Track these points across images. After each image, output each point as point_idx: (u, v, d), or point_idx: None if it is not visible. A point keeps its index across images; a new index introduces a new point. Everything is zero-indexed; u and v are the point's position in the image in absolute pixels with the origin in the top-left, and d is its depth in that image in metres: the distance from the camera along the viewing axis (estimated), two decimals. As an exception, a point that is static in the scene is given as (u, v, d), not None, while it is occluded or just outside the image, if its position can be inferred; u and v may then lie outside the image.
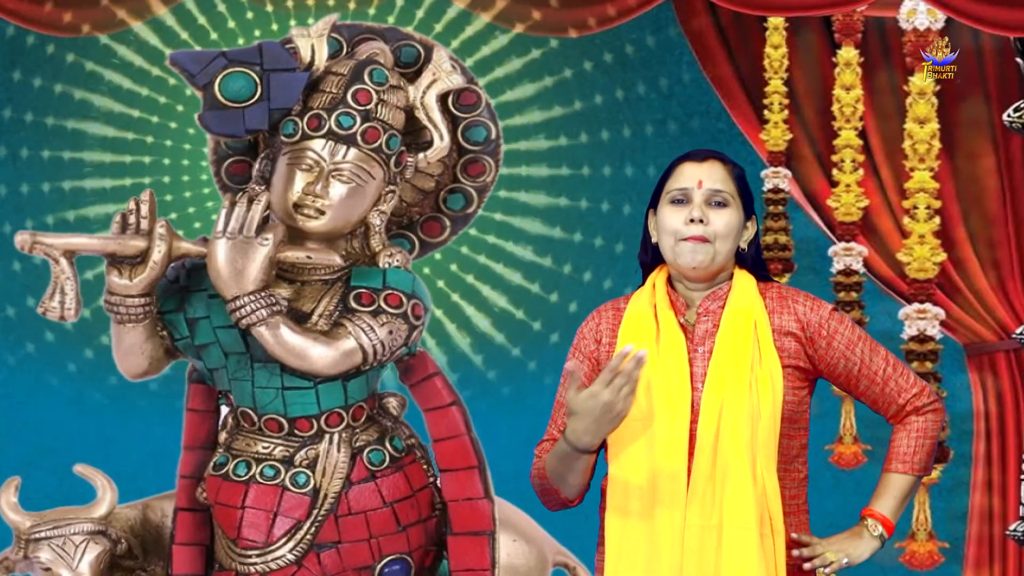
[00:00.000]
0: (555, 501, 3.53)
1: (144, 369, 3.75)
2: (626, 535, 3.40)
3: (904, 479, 3.48)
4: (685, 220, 3.45)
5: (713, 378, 3.41)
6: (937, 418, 3.50)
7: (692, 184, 3.47)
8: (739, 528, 3.35)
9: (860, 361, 3.48)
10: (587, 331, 3.57)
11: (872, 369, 3.49)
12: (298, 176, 3.66)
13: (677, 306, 3.50)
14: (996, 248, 6.98)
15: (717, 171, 3.50)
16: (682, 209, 3.47)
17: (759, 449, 3.38)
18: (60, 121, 7.30)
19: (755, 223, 3.57)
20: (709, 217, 3.45)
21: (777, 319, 3.48)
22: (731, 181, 3.51)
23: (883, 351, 3.52)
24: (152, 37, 7.23)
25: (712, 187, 3.47)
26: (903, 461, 3.48)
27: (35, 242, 3.55)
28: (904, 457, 3.48)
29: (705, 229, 3.44)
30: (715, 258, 3.46)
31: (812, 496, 3.58)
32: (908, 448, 3.48)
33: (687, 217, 3.45)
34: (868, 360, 3.49)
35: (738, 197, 3.50)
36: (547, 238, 7.32)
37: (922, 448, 3.48)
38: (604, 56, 7.31)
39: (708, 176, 3.49)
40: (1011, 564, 6.86)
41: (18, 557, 4.01)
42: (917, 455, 3.48)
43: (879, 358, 3.50)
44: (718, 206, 3.48)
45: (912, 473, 3.48)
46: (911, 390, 3.50)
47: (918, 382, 3.51)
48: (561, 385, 3.51)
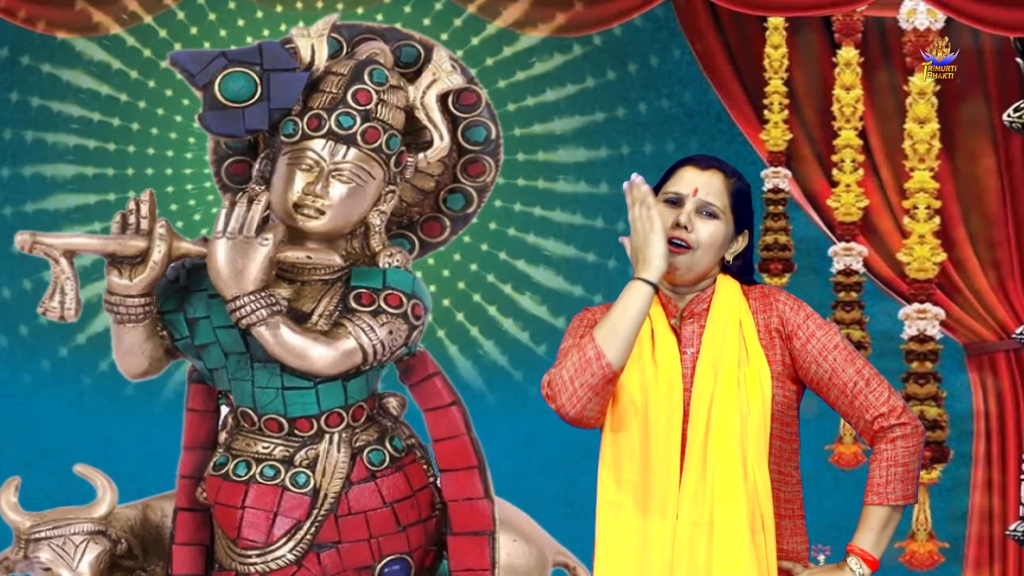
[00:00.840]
0: (589, 383, 3.34)
1: (144, 369, 3.75)
2: (617, 532, 3.40)
3: (881, 510, 3.45)
4: (673, 222, 3.46)
5: (701, 379, 3.42)
6: (908, 444, 3.43)
7: (688, 191, 3.49)
8: (730, 525, 3.35)
9: (831, 369, 3.46)
10: (586, 316, 3.57)
11: (842, 379, 3.45)
12: (298, 176, 3.66)
13: (668, 308, 3.52)
14: (996, 248, 6.98)
15: (716, 182, 3.51)
16: (673, 211, 3.48)
17: (749, 446, 3.38)
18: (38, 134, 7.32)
19: (747, 237, 3.57)
20: (695, 225, 3.47)
21: (762, 318, 3.49)
22: (727, 195, 3.51)
23: (860, 363, 3.46)
24: (162, 31, 7.24)
25: (705, 198, 3.49)
26: (877, 493, 3.45)
27: (35, 242, 3.55)
28: (878, 489, 3.45)
29: (688, 236, 3.45)
30: (693, 267, 3.47)
31: (812, 496, 3.58)
32: (880, 479, 3.44)
33: (675, 220, 3.46)
34: (840, 369, 3.45)
35: (730, 212, 3.51)
36: (573, 226, 7.33)
37: (895, 477, 3.43)
38: (606, 61, 7.32)
39: (705, 186, 3.49)
40: (1011, 564, 6.86)
41: (18, 557, 4.00)
42: (891, 485, 3.43)
43: (852, 369, 3.45)
44: (707, 216, 3.49)
45: (888, 504, 3.44)
46: (879, 408, 3.43)
47: (890, 401, 3.44)
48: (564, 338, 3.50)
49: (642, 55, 7.30)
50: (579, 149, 7.33)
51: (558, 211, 7.35)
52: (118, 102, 7.28)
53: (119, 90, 7.28)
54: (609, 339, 3.35)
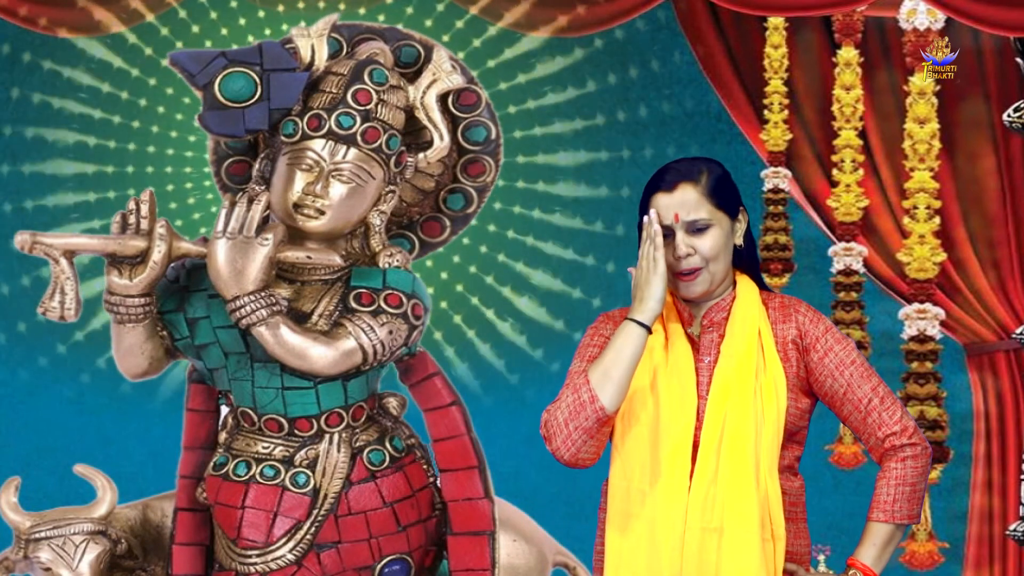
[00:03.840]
0: (583, 426, 3.38)
1: (144, 369, 3.75)
2: (627, 538, 3.41)
3: (885, 528, 3.46)
4: (673, 255, 3.46)
5: (718, 387, 3.43)
6: (917, 464, 3.44)
7: (669, 220, 3.47)
8: (740, 531, 3.35)
9: (847, 384, 3.46)
10: (600, 325, 3.56)
11: (857, 396, 3.46)
12: (298, 176, 3.66)
13: (684, 317, 3.52)
14: (996, 248, 6.98)
15: (690, 196, 3.48)
16: (668, 244, 3.47)
17: (762, 455, 3.39)
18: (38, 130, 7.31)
19: (745, 214, 3.56)
20: (695, 246, 3.47)
21: (780, 330, 3.49)
22: (706, 199, 3.48)
23: (875, 381, 3.48)
24: (163, 29, 7.24)
25: (688, 218, 3.47)
26: (883, 510, 3.46)
27: (35, 242, 3.54)
28: (884, 506, 3.46)
29: (693, 259, 3.46)
30: (712, 280, 3.48)
31: (812, 496, 3.59)
32: (888, 496, 3.45)
33: (674, 252, 3.46)
34: (855, 385, 3.46)
35: (718, 211, 3.49)
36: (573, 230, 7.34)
37: (902, 496, 3.44)
38: (605, 58, 7.32)
39: (682, 206, 3.47)
40: (1011, 564, 6.86)
41: (18, 557, 4.00)
42: (898, 503, 3.44)
43: (867, 386, 3.47)
44: (700, 232, 3.48)
45: (893, 522, 3.45)
46: (892, 427, 3.45)
47: (902, 420, 3.45)
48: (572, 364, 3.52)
49: (643, 57, 7.30)
50: (579, 152, 7.33)
51: (558, 214, 7.34)
52: (119, 100, 7.28)
53: (119, 88, 7.28)
54: (603, 383, 3.38)
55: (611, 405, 3.38)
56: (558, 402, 3.43)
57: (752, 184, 6.97)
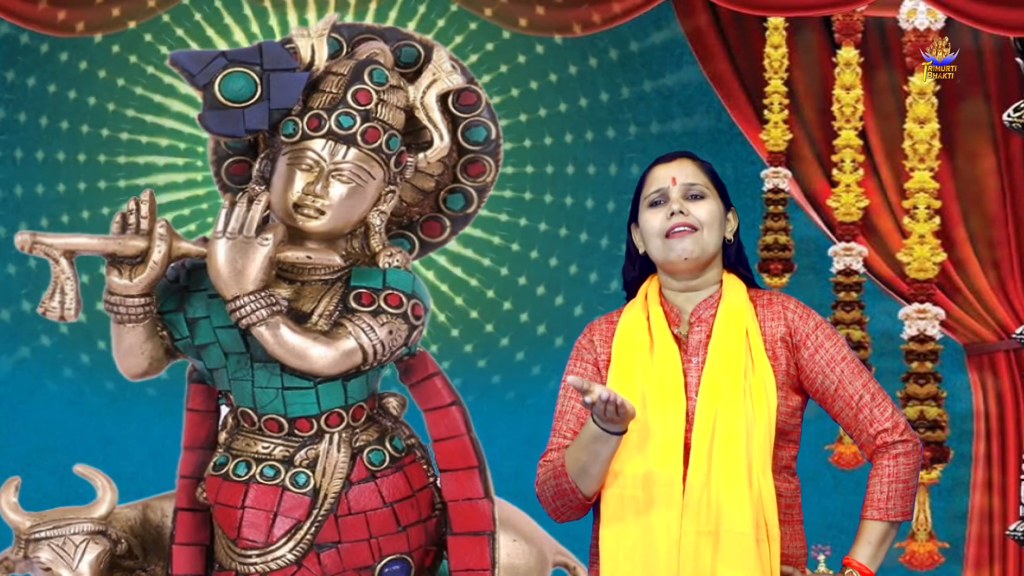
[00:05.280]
0: (569, 505, 3.47)
1: (144, 369, 3.74)
2: (622, 542, 3.40)
3: (879, 525, 3.45)
4: (666, 216, 3.46)
5: (707, 387, 3.42)
6: (909, 460, 3.44)
7: (667, 184, 3.49)
8: (735, 533, 3.34)
9: (838, 381, 3.46)
10: (584, 343, 3.58)
11: (848, 392, 3.46)
12: (298, 176, 3.66)
13: (671, 317, 3.51)
14: (996, 248, 6.99)
15: (688, 167, 3.53)
16: (662, 209, 3.48)
17: (755, 455, 3.38)
18: (55, 122, 7.31)
19: (736, 215, 3.57)
20: (689, 209, 3.47)
21: (769, 328, 3.48)
22: (704, 175, 3.53)
23: (866, 377, 3.47)
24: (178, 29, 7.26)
25: (686, 181, 3.50)
26: (877, 508, 3.45)
27: (35, 242, 3.54)
28: (878, 504, 3.45)
29: (688, 218, 3.46)
30: (704, 247, 3.47)
31: (812, 496, 3.58)
32: (881, 494, 3.45)
33: (668, 212, 3.46)
34: (847, 382, 3.46)
35: (714, 188, 3.52)
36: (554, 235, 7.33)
37: (896, 493, 3.44)
38: (608, 54, 7.32)
39: (680, 172, 3.51)
40: (1011, 564, 6.87)
41: (18, 557, 4.01)
42: (891, 500, 3.44)
43: (859, 382, 3.46)
44: (696, 198, 3.49)
45: (886, 519, 3.44)
46: (884, 423, 3.44)
47: (894, 417, 3.45)
48: (562, 396, 3.52)
49: (643, 52, 7.30)
50: (589, 165, 7.35)
51: (563, 227, 7.35)
52: (132, 94, 7.31)
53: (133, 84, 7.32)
54: (581, 478, 3.43)
55: (591, 493, 3.45)
56: (545, 481, 3.48)
57: (752, 184, 6.98)
